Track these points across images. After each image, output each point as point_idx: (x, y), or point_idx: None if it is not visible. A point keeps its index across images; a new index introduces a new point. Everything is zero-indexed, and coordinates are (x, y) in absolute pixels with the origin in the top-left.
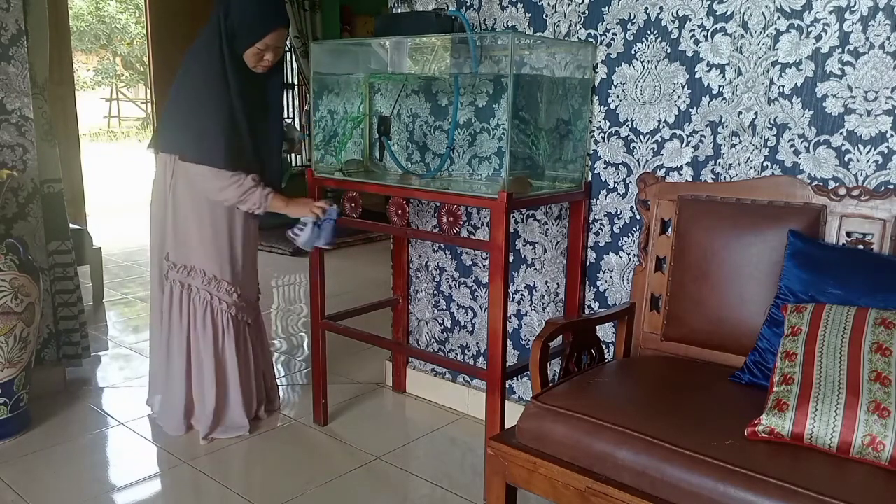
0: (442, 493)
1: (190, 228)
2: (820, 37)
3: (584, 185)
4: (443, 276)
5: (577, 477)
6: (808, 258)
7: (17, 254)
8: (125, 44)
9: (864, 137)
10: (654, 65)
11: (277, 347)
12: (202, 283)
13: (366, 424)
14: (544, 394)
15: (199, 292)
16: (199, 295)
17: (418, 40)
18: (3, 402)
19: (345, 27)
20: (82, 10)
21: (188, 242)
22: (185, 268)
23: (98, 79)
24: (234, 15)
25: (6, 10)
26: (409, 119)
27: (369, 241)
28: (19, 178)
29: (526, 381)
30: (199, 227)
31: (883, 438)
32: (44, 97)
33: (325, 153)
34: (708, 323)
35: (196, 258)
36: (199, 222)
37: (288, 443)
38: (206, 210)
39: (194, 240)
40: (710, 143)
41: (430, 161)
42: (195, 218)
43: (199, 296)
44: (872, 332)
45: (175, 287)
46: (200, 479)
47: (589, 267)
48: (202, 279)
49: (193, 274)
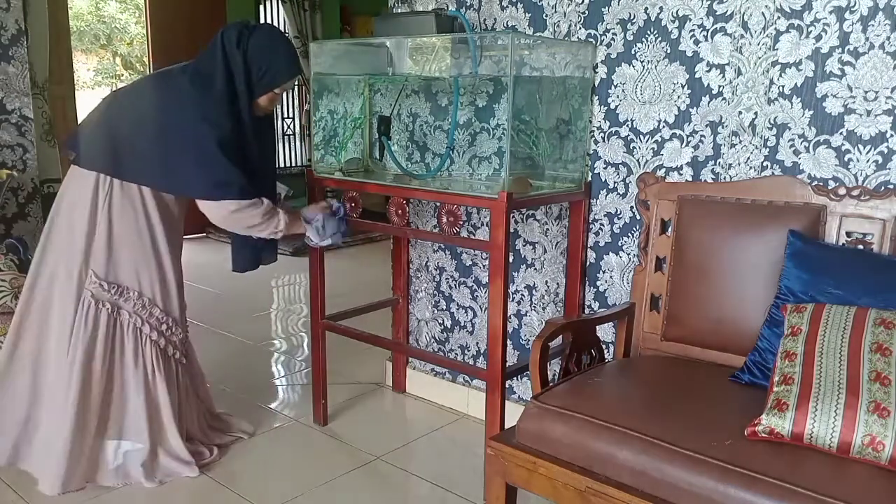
0: (442, 493)
1: (124, 246)
2: (820, 37)
3: (584, 185)
4: (443, 276)
5: (577, 477)
6: (808, 258)
7: (17, 254)
8: (125, 44)
9: (864, 137)
10: (654, 65)
11: (277, 347)
12: (133, 306)
13: (366, 424)
14: (544, 394)
15: (130, 317)
16: (129, 320)
17: (418, 40)
18: None
19: (345, 27)
20: (82, 10)
21: (119, 259)
22: (117, 287)
23: (98, 79)
24: (255, 60)
25: (6, 10)
26: (409, 119)
27: (369, 241)
28: (19, 178)
29: (526, 381)
30: (137, 245)
31: (883, 438)
32: (44, 97)
33: (325, 153)
34: (708, 323)
35: (127, 276)
36: (139, 240)
37: (288, 443)
38: (146, 229)
39: (128, 257)
40: (710, 143)
41: (430, 161)
42: (134, 237)
43: (130, 321)
44: (872, 332)
45: (101, 308)
46: (200, 479)
47: (589, 267)
48: (133, 303)
49: (126, 295)
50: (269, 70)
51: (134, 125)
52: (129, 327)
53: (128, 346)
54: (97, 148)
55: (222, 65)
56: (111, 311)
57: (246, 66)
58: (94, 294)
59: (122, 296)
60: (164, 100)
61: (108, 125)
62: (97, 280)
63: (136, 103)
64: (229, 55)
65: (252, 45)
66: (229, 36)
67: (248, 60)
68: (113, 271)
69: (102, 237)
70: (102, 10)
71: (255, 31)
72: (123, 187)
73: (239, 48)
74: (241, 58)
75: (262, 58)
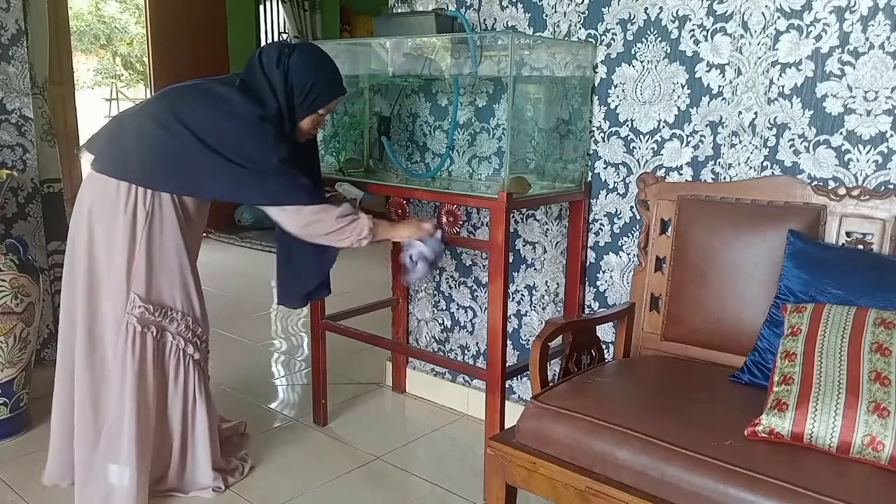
0: (442, 493)
1: (163, 264)
2: (820, 37)
3: (584, 185)
4: (443, 276)
5: (577, 477)
6: (808, 258)
7: (17, 254)
8: (125, 44)
9: (864, 137)
10: (654, 65)
11: (277, 347)
12: (177, 327)
13: (366, 424)
14: (544, 394)
15: (174, 339)
16: (172, 342)
17: (418, 40)
18: (3, 402)
19: (344, 27)
20: (82, 10)
21: (159, 279)
22: (161, 308)
23: (98, 79)
24: (297, 80)
25: (6, 10)
26: (409, 119)
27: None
28: (19, 178)
29: (526, 381)
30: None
31: (883, 438)
32: (43, 97)
33: (324, 153)
34: (708, 323)
35: (168, 295)
36: (175, 256)
37: (288, 443)
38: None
39: (166, 275)
40: (710, 143)
41: (430, 161)
42: (171, 253)
43: (174, 343)
44: (872, 331)
45: (148, 332)
46: None
47: (589, 267)
48: (178, 323)
49: (171, 315)
50: (312, 90)
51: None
52: (172, 350)
53: (171, 370)
54: (140, 161)
55: (266, 84)
56: (156, 335)
57: (287, 87)
58: (140, 318)
59: (166, 317)
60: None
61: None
62: (141, 303)
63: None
64: (269, 76)
65: (293, 64)
66: (268, 56)
67: (288, 80)
68: (156, 292)
69: (142, 256)
70: (102, 10)
71: (296, 50)
72: (163, 201)
73: (279, 68)
74: (281, 78)
75: (304, 77)
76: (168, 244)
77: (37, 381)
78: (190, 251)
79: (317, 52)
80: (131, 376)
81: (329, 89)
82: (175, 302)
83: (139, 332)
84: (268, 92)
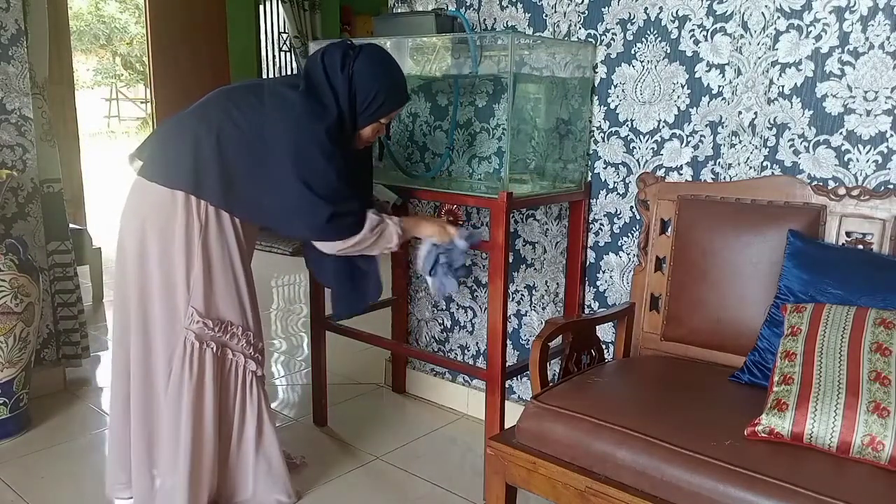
0: (442, 493)
1: (220, 277)
2: (820, 37)
3: (584, 185)
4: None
5: (577, 477)
6: (808, 258)
7: (17, 254)
8: (125, 43)
9: (864, 137)
10: (654, 65)
11: (277, 347)
12: (237, 343)
13: (366, 424)
14: (544, 394)
15: (234, 355)
16: (232, 358)
17: (418, 40)
18: (3, 402)
19: (344, 27)
20: (82, 10)
21: (217, 292)
22: (222, 323)
23: (98, 79)
24: (362, 86)
25: (6, 10)
26: (409, 119)
27: None
28: (19, 178)
29: (526, 381)
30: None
31: (882, 438)
32: (43, 97)
33: None
34: (708, 323)
35: (227, 309)
36: (231, 267)
37: (287, 443)
38: (237, 253)
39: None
40: (710, 143)
41: (429, 161)
42: (227, 264)
43: (233, 360)
44: (872, 331)
45: (207, 348)
46: None
47: (589, 267)
48: (238, 339)
49: (232, 330)
50: (376, 98)
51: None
52: (232, 367)
53: (232, 388)
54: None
55: (328, 88)
56: (216, 351)
57: (350, 93)
58: (198, 334)
59: (226, 332)
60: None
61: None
62: (200, 318)
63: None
64: (332, 80)
65: (358, 69)
66: (332, 58)
67: (352, 86)
68: (214, 306)
69: (199, 268)
70: (102, 10)
71: (361, 53)
72: (219, 212)
73: (343, 72)
74: (345, 83)
75: (368, 84)
76: (224, 254)
77: (37, 381)
78: (244, 261)
79: (382, 57)
80: (189, 394)
81: (393, 98)
82: (234, 316)
83: (197, 348)
84: (329, 96)
